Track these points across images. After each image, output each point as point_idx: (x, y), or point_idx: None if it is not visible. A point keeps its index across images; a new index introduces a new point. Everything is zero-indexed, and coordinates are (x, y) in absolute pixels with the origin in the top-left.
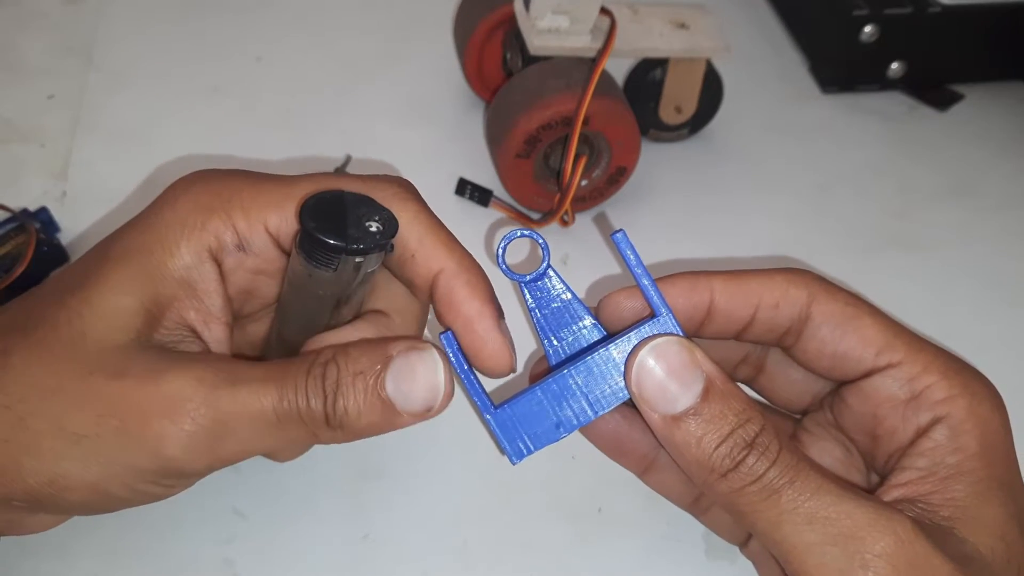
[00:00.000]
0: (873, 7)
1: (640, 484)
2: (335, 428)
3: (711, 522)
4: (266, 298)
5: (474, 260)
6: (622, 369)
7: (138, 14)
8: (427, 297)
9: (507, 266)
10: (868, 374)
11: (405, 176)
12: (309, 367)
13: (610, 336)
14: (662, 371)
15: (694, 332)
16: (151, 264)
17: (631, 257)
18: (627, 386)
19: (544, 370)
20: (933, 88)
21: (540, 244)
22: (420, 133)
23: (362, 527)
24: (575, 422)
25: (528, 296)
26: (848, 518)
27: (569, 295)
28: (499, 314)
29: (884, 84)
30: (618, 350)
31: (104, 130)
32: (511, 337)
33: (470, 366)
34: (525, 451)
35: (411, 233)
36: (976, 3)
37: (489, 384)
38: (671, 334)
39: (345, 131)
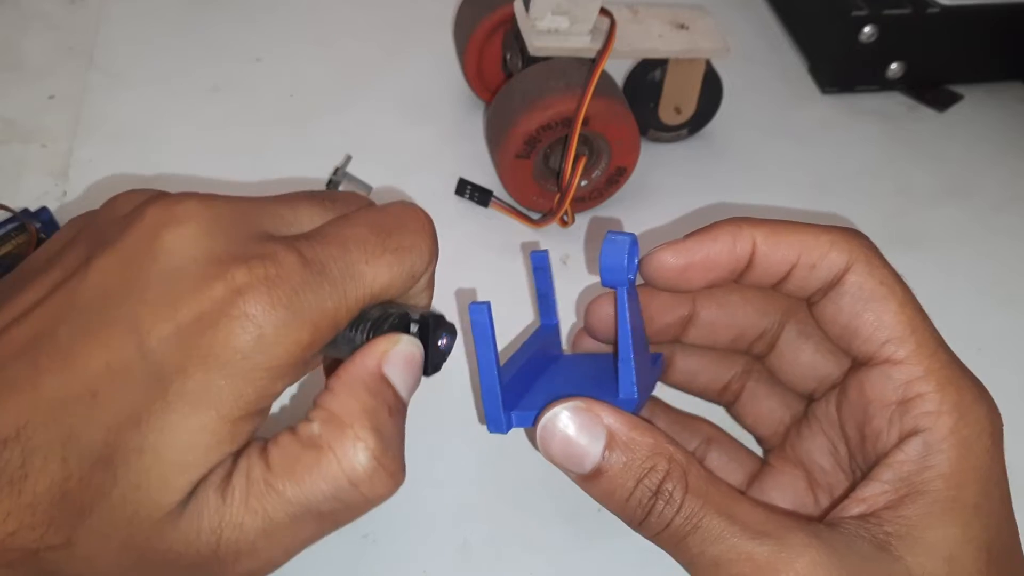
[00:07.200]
0: (873, 7)
1: None
2: None
3: None
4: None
5: None
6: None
7: (138, 14)
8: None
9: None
10: (870, 361)
11: (404, 176)
12: None
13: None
14: (565, 435)
15: (736, 280)
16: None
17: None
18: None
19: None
20: (932, 88)
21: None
22: (420, 133)
23: (362, 527)
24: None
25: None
26: (749, 560)
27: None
28: None
29: (883, 84)
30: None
31: (104, 130)
32: None
33: (494, 337)
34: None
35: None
36: (976, 3)
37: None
38: (570, 399)
39: (345, 131)
